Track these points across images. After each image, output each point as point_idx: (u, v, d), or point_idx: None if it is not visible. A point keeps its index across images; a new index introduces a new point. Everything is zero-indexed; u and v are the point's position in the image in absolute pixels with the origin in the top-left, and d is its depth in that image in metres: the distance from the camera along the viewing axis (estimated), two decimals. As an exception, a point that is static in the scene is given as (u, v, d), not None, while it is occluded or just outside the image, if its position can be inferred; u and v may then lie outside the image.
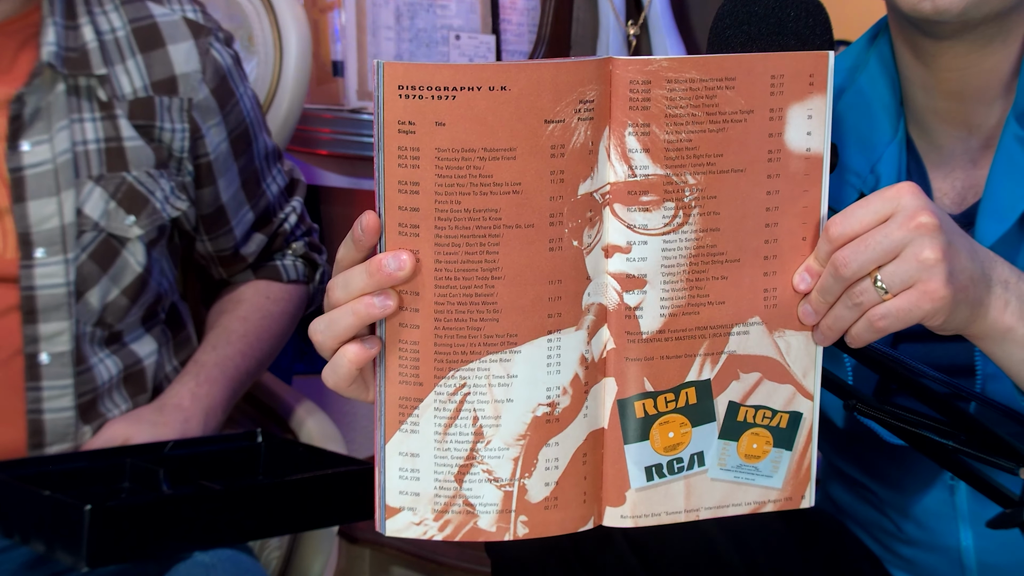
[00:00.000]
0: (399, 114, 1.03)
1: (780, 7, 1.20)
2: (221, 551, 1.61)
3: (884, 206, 1.07)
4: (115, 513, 1.49)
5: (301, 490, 1.63)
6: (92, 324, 1.73)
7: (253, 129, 1.88)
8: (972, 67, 1.31)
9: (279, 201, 1.95)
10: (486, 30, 2.59)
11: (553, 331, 1.08)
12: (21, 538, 1.54)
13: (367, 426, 2.94)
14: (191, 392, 1.80)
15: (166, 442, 1.71)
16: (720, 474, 1.13)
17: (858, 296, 1.07)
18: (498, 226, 1.05)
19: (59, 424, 1.72)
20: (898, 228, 1.06)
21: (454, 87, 1.02)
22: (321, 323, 1.09)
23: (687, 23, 2.55)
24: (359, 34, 2.54)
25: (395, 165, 1.04)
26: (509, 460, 1.09)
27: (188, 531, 1.56)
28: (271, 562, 2.01)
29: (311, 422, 2.05)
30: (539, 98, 1.04)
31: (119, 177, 1.73)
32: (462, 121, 1.03)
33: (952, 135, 1.35)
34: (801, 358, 1.12)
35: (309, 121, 2.42)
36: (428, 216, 1.04)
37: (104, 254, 1.73)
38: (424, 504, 1.09)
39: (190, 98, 1.79)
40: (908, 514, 1.43)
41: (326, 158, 2.50)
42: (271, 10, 2.25)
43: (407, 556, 2.42)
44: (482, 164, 1.04)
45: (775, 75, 1.07)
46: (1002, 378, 1.17)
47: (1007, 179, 1.30)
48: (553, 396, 1.09)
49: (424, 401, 1.08)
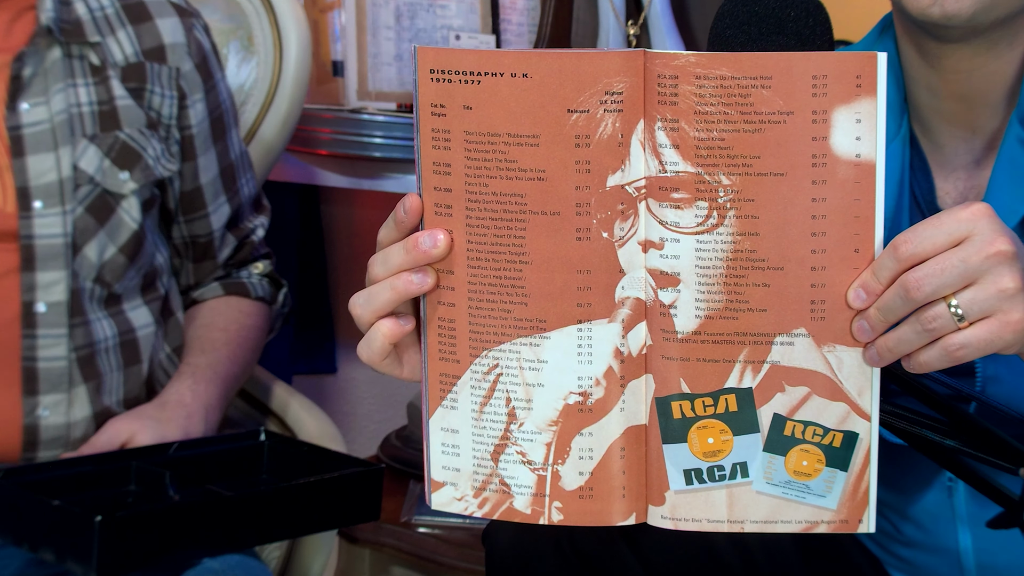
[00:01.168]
0: (432, 97, 1.06)
1: (780, 7, 1.20)
2: (230, 556, 1.62)
3: (958, 228, 1.03)
4: (125, 523, 1.49)
5: (309, 494, 1.63)
6: (91, 280, 1.77)
7: (228, 119, 1.94)
8: (977, 70, 1.31)
9: (249, 208, 2.01)
10: (486, 30, 2.59)
11: (583, 320, 1.09)
12: (30, 547, 1.54)
13: (367, 426, 2.95)
14: (190, 389, 1.82)
15: (170, 444, 1.71)
16: (766, 488, 1.10)
17: (931, 322, 1.03)
18: (524, 211, 1.07)
19: (52, 374, 1.74)
20: (976, 253, 1.03)
21: (479, 72, 1.05)
22: (360, 297, 1.11)
23: (687, 23, 2.54)
24: (359, 34, 2.54)
25: (429, 147, 1.08)
26: (542, 444, 1.11)
27: (198, 538, 1.56)
28: (271, 562, 2.01)
29: (311, 422, 2.05)
30: (561, 87, 1.05)
31: (112, 136, 1.79)
32: (487, 106, 1.06)
33: (956, 136, 1.35)
34: (855, 376, 1.08)
35: (309, 121, 2.42)
36: (459, 198, 1.07)
37: (100, 208, 1.77)
38: (464, 480, 1.12)
39: (178, 67, 1.86)
40: (907, 515, 1.43)
41: (326, 158, 2.49)
42: (271, 10, 2.25)
43: (407, 556, 2.42)
44: (507, 149, 1.06)
45: (817, 75, 1.03)
46: (1002, 380, 1.17)
47: (1009, 181, 1.30)
48: (585, 386, 1.10)
49: (461, 379, 1.11)
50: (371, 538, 2.45)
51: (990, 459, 1.18)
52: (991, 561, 1.38)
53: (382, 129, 2.39)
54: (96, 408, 1.78)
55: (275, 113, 2.22)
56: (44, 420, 1.74)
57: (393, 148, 2.39)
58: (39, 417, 1.74)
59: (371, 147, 2.40)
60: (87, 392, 1.77)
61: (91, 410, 1.77)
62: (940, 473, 1.38)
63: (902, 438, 1.22)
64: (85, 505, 1.54)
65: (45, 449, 1.75)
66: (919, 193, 1.36)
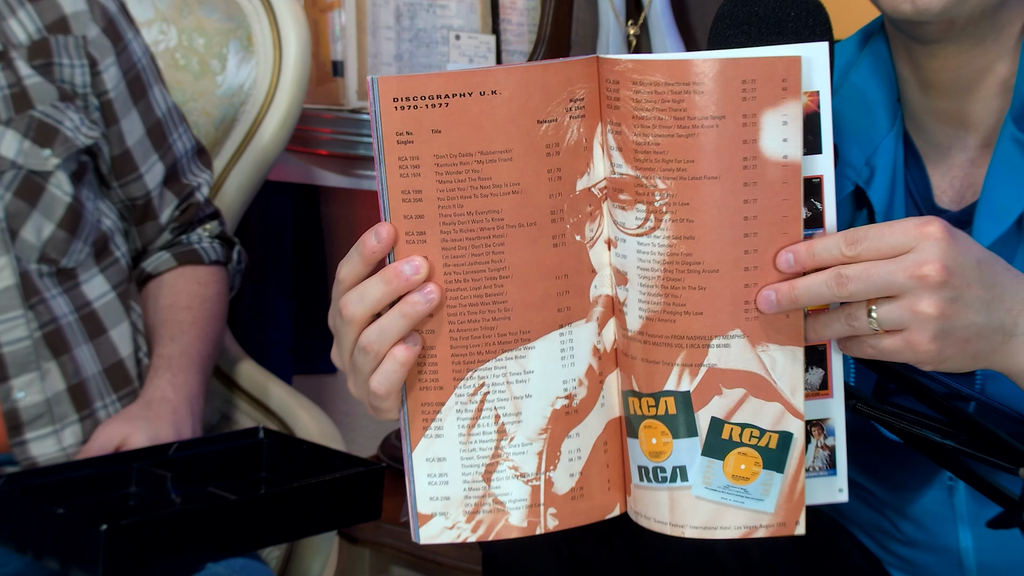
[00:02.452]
0: (397, 126, 1.05)
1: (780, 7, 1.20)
2: (234, 560, 1.62)
3: (903, 241, 1.06)
4: (130, 531, 1.49)
5: (311, 495, 1.63)
6: (35, 261, 1.77)
7: (147, 77, 1.93)
8: (965, 67, 1.31)
9: (190, 162, 1.98)
10: (486, 30, 2.59)
11: (564, 325, 1.09)
12: (34, 555, 1.54)
13: (367, 426, 2.94)
14: (170, 383, 1.82)
15: (170, 444, 1.71)
16: (705, 493, 1.11)
17: (854, 319, 1.07)
18: (501, 226, 1.07)
19: (18, 356, 1.75)
20: (903, 271, 1.05)
21: (446, 95, 1.05)
22: (371, 334, 1.08)
23: (687, 23, 2.54)
24: (359, 34, 2.54)
25: (397, 176, 1.06)
26: (533, 455, 1.10)
27: (202, 543, 1.57)
28: (270, 563, 2.01)
29: (311, 422, 2.05)
30: (529, 99, 1.06)
31: (27, 116, 1.78)
32: (457, 127, 1.05)
33: (950, 134, 1.35)
34: (788, 375, 1.09)
35: (309, 121, 2.42)
36: (433, 222, 1.06)
37: (28, 190, 1.76)
38: (455, 507, 1.11)
39: (84, 35, 1.84)
40: (907, 515, 1.43)
41: (326, 158, 2.49)
42: (271, 10, 2.25)
43: (407, 556, 2.42)
44: (480, 167, 1.06)
45: (747, 80, 1.05)
46: (1001, 378, 1.17)
47: (1004, 181, 1.29)
48: (570, 388, 1.10)
49: (446, 404, 1.09)
50: (371, 538, 2.45)
51: (990, 459, 1.18)
52: (992, 560, 1.38)
53: (382, 129, 2.39)
54: (72, 381, 1.78)
55: (275, 113, 2.22)
56: (22, 402, 1.74)
57: (393, 148, 2.39)
58: (16, 400, 1.74)
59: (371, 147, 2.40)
60: (58, 367, 1.77)
61: (65, 384, 1.77)
62: (940, 472, 1.38)
63: (902, 438, 1.22)
64: (87, 511, 1.54)
65: (31, 430, 1.75)
66: (915, 190, 1.36)
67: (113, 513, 1.57)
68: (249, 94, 2.23)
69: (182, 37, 2.24)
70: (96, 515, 1.51)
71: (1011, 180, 1.29)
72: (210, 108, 2.22)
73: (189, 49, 2.24)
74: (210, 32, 2.25)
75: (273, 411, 2.08)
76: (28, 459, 1.76)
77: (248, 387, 2.10)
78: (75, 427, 1.78)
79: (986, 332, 1.08)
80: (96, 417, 1.80)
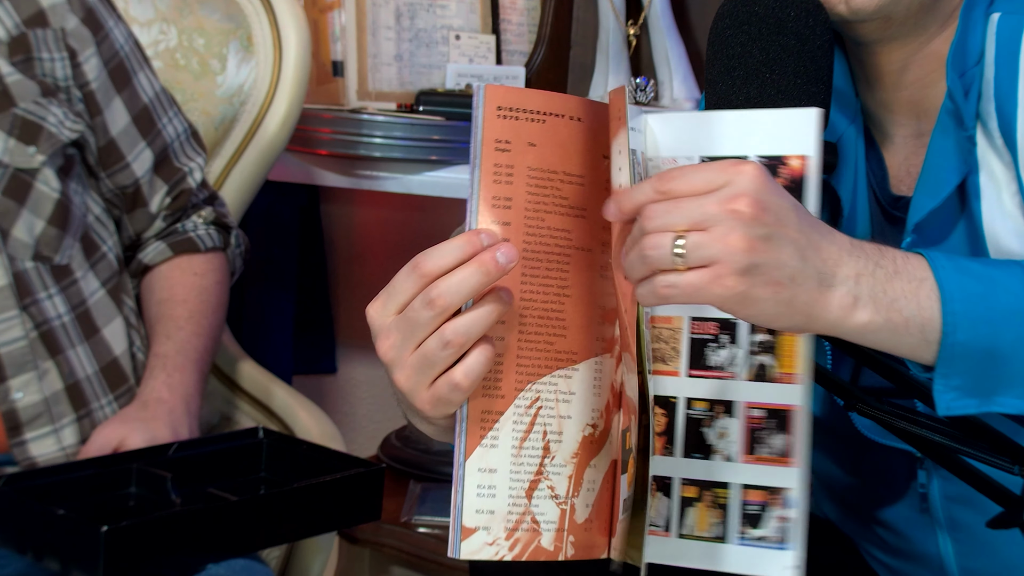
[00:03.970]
0: (497, 133, 1.09)
1: (780, 7, 1.20)
2: (235, 561, 1.62)
3: (717, 177, 1.01)
4: (131, 532, 1.49)
5: (311, 496, 1.63)
6: (29, 259, 1.76)
7: (130, 64, 1.91)
8: (912, 56, 1.30)
9: (183, 146, 1.97)
10: (486, 30, 2.59)
11: (599, 354, 1.12)
12: (35, 556, 1.54)
13: (367, 426, 2.94)
14: (165, 384, 1.82)
15: (170, 444, 1.71)
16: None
17: (650, 249, 1.01)
18: (570, 246, 1.11)
19: (14, 356, 1.75)
20: (715, 203, 1.00)
21: (546, 112, 1.10)
22: (460, 325, 1.06)
23: (687, 23, 2.54)
24: (359, 34, 2.54)
25: (491, 181, 1.09)
26: (566, 477, 1.11)
27: (202, 544, 1.56)
28: (270, 562, 2.01)
29: (311, 422, 2.05)
30: (601, 133, 1.11)
31: (9, 115, 1.77)
32: (550, 144, 1.10)
33: (903, 124, 1.34)
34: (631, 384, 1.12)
35: (309, 121, 2.42)
36: (518, 231, 1.09)
37: (16, 189, 1.76)
38: (498, 522, 1.10)
39: (62, 27, 1.83)
40: (886, 524, 1.42)
41: (326, 158, 2.49)
42: (271, 10, 2.25)
43: (407, 556, 2.42)
44: (562, 186, 1.10)
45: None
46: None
47: (941, 154, 1.28)
48: (595, 418, 1.12)
49: (504, 414, 1.10)
50: (371, 538, 2.45)
51: (990, 459, 1.18)
52: (974, 565, 1.37)
53: (382, 129, 2.39)
54: (69, 381, 1.78)
55: (275, 113, 2.22)
56: (20, 402, 1.74)
57: (393, 148, 2.39)
58: (14, 401, 1.74)
59: (371, 147, 2.40)
60: (55, 366, 1.77)
61: (63, 383, 1.77)
62: (912, 479, 1.37)
63: (902, 438, 1.22)
64: (88, 512, 1.54)
65: (30, 430, 1.75)
66: (875, 183, 1.36)
67: (113, 514, 1.57)
68: (249, 94, 2.23)
69: (182, 37, 2.24)
70: (96, 516, 1.50)
71: (947, 153, 1.27)
72: (210, 108, 2.22)
73: (189, 49, 2.24)
74: (210, 32, 2.24)
75: (273, 411, 2.08)
76: (28, 459, 1.76)
77: (248, 387, 2.10)
78: (73, 427, 1.78)
79: (800, 278, 1.02)
80: (93, 417, 1.80)
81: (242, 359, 2.14)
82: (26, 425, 1.75)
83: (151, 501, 1.62)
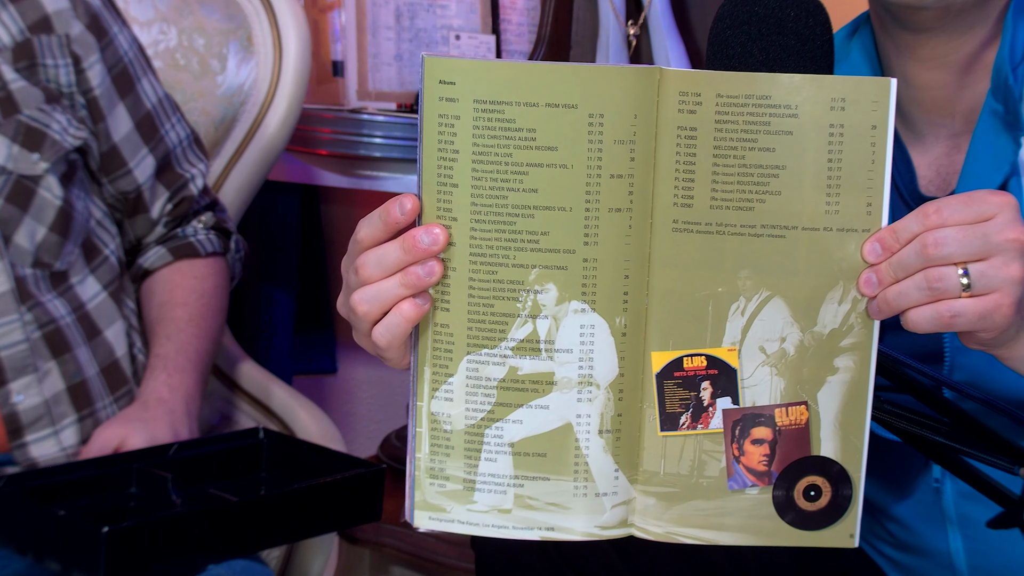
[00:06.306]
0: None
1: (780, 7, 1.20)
2: (235, 562, 1.62)
3: (986, 208, 1.05)
4: (131, 533, 1.49)
5: (311, 497, 1.63)
6: (29, 265, 1.76)
7: (134, 70, 1.91)
8: (953, 54, 1.31)
9: (186, 152, 1.97)
10: (486, 30, 2.59)
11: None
12: (35, 556, 1.54)
13: (367, 426, 2.94)
14: (166, 384, 1.82)
15: (170, 445, 1.71)
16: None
17: (937, 280, 1.05)
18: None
19: (15, 359, 1.75)
20: (998, 233, 1.05)
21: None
22: (365, 294, 1.09)
23: (687, 23, 2.54)
24: (359, 34, 2.54)
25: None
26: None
27: (203, 545, 1.56)
28: (270, 563, 2.01)
29: (311, 422, 2.05)
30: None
31: (14, 121, 1.77)
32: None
33: (935, 122, 1.35)
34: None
35: (309, 121, 2.42)
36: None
37: (19, 195, 1.76)
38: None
39: (67, 33, 1.82)
40: (896, 518, 1.42)
41: (326, 158, 2.49)
42: (271, 10, 2.25)
43: (407, 556, 2.42)
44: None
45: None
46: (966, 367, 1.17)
47: (984, 154, 1.29)
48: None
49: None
50: (371, 538, 2.45)
51: (990, 459, 1.18)
52: (983, 562, 1.37)
53: (382, 129, 2.39)
54: (75, 380, 1.78)
55: (275, 113, 2.22)
56: (21, 405, 1.74)
57: (393, 148, 2.39)
58: (15, 404, 1.74)
59: (371, 147, 2.40)
60: (58, 367, 1.77)
61: (64, 383, 1.77)
62: (926, 475, 1.38)
63: (902, 438, 1.22)
64: (88, 512, 1.54)
65: (31, 432, 1.75)
66: (901, 184, 1.36)
67: (114, 514, 1.57)
68: (249, 94, 2.23)
69: (182, 37, 2.24)
70: (97, 517, 1.50)
71: (990, 152, 1.29)
72: (210, 108, 2.22)
73: (189, 49, 2.24)
74: (210, 32, 2.24)
75: (273, 411, 2.08)
76: (28, 460, 1.76)
77: (248, 387, 2.10)
78: (75, 427, 1.78)
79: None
80: (96, 417, 1.80)
81: (242, 359, 2.14)
82: (27, 428, 1.75)
83: (151, 502, 1.62)
